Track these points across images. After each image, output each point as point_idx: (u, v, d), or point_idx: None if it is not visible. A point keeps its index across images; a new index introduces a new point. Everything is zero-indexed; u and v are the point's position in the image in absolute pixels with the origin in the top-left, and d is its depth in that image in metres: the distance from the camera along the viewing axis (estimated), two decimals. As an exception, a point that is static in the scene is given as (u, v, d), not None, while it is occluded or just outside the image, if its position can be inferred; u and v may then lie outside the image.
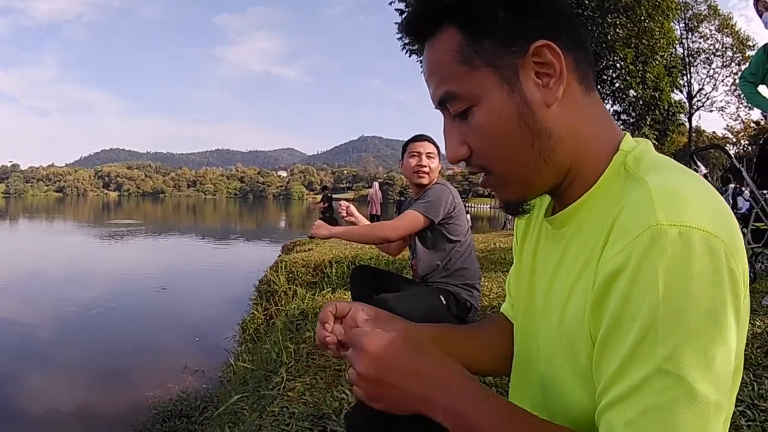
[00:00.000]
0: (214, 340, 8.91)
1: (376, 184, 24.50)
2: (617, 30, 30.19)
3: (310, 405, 3.16)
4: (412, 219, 3.84)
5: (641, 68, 32.77)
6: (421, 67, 1.11)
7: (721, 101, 44.75)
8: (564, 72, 0.96)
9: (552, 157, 0.98)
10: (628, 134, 1.04)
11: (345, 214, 4.17)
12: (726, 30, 42.76)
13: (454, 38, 0.97)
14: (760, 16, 5.01)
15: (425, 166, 3.97)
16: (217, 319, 10.56)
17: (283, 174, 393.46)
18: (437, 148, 4.06)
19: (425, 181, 3.98)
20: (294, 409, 3.12)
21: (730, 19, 43.18)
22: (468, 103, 0.98)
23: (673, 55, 37.09)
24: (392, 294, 3.80)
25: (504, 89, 0.95)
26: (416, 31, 1.05)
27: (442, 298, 3.87)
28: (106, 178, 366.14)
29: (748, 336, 3.59)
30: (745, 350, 3.28)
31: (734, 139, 70.22)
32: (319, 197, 25.53)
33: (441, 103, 1.03)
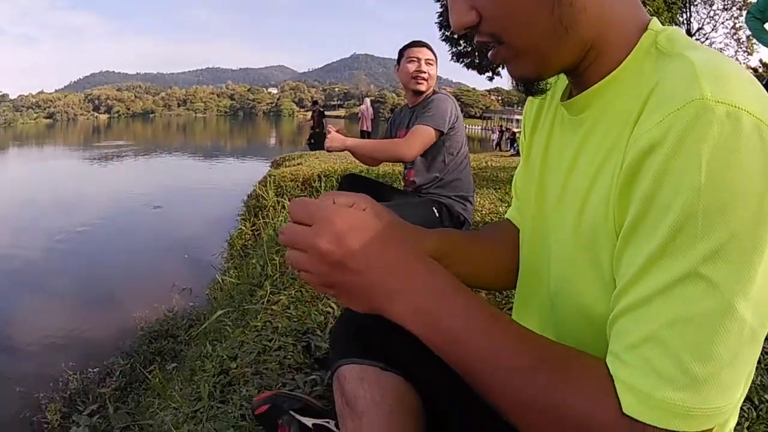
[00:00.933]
0: (202, 258, 8.87)
1: (367, 101, 24.39)
2: None
3: (294, 319, 3.02)
4: (426, 134, 3.68)
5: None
6: None
7: (720, 43, 44.10)
8: None
9: (573, 28, 0.82)
10: (655, 18, 0.89)
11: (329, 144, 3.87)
12: None
13: None
14: None
15: (424, 72, 3.80)
16: (207, 237, 10.52)
17: (274, 91, 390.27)
18: (435, 56, 3.90)
19: (423, 87, 3.82)
20: (278, 324, 2.99)
21: None
22: None
23: None
24: (384, 203, 3.59)
25: None
26: None
27: (435, 210, 3.77)
28: (96, 101, 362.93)
29: None
30: None
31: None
32: (310, 114, 25.36)
33: None
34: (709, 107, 0.65)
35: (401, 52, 3.98)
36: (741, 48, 45.08)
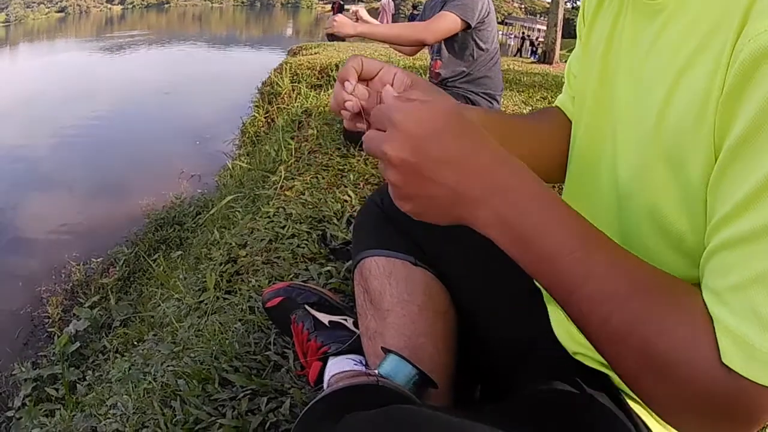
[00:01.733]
0: (213, 145, 8.84)
1: (389, -6, 23.95)
2: None
3: (309, 206, 2.84)
4: (450, 21, 3.52)
5: None
6: None
7: None
8: None
9: None
10: None
11: (355, 20, 3.74)
12: None
13: None
14: None
15: None
16: (218, 124, 10.48)
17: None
18: None
19: None
20: (291, 210, 2.80)
21: None
22: None
23: None
24: None
25: None
26: None
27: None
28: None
29: None
30: None
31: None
32: (329, 6, 25.06)
33: None
34: None
35: None
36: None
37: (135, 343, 3.03)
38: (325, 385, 1.42)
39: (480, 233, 0.75)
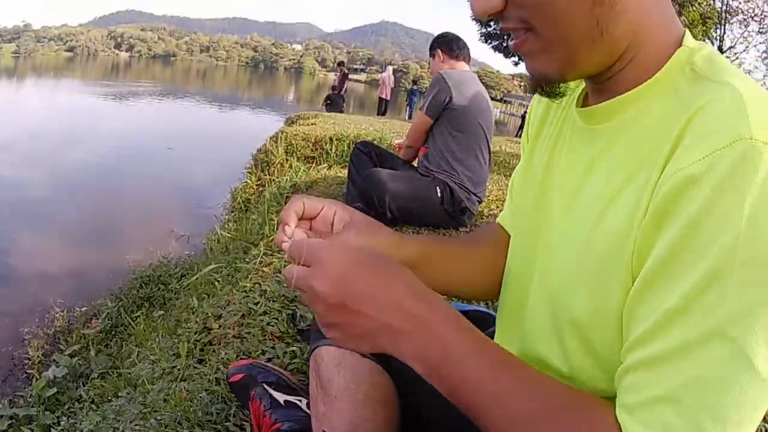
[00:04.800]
0: (205, 206, 8.90)
1: (389, 68, 24.52)
2: None
3: (284, 284, 2.93)
4: (420, 120, 4.03)
5: (677, 9, 32.26)
6: None
7: (749, 65, 44.19)
8: None
9: (610, 30, 0.77)
10: (688, 31, 0.84)
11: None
12: None
13: None
14: None
15: None
16: (212, 185, 10.60)
17: (298, 47, 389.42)
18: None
19: None
20: (266, 287, 2.92)
21: None
22: None
23: (711, 6, 36.14)
24: (388, 170, 3.90)
25: None
26: None
27: (438, 190, 3.89)
28: (119, 39, 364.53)
29: None
30: None
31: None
32: (332, 75, 25.44)
33: None
34: (757, 149, 0.61)
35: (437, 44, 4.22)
36: (772, 72, 45.25)
37: (110, 397, 3.08)
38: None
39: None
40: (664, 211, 0.67)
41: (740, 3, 42.86)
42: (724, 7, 41.71)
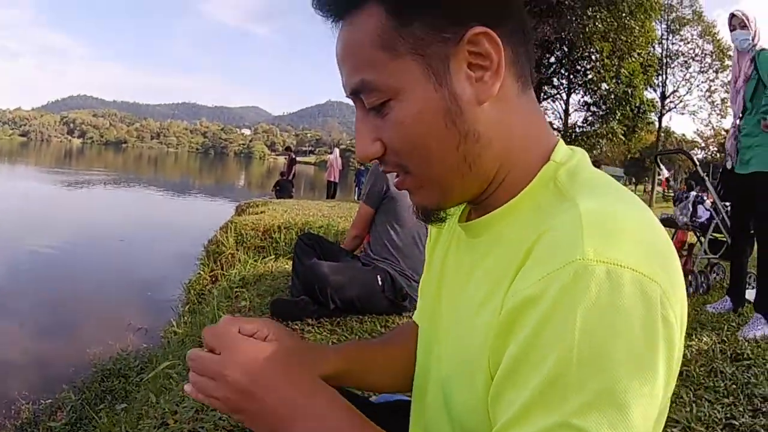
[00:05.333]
0: (161, 297, 8.89)
1: (336, 150, 24.77)
2: (596, 23, 29.86)
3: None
4: (362, 211, 4.22)
5: (617, 63, 32.90)
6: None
7: (693, 105, 45.18)
8: (502, 66, 0.82)
9: (478, 163, 0.85)
10: (561, 141, 0.92)
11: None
12: (708, 37, 43.13)
13: (378, 19, 0.82)
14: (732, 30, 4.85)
15: None
16: (167, 275, 10.54)
17: (247, 132, 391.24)
18: None
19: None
20: None
21: (713, 27, 43.55)
22: (387, 95, 0.83)
23: (650, 54, 37.30)
24: (330, 263, 3.97)
25: (431, 81, 0.82)
26: (333, 7, 0.88)
27: (379, 279, 4.00)
28: (71, 125, 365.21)
29: (692, 352, 3.48)
30: (688, 368, 3.19)
31: (703, 144, 71.21)
32: (282, 158, 25.61)
33: (354, 93, 0.88)
34: (589, 268, 0.65)
35: None
36: (715, 110, 46.28)
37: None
38: None
39: None
40: (509, 325, 0.72)
41: (680, 46, 44.12)
42: (665, 52, 42.88)
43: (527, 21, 0.91)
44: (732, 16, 4.76)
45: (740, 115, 4.70)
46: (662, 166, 8.73)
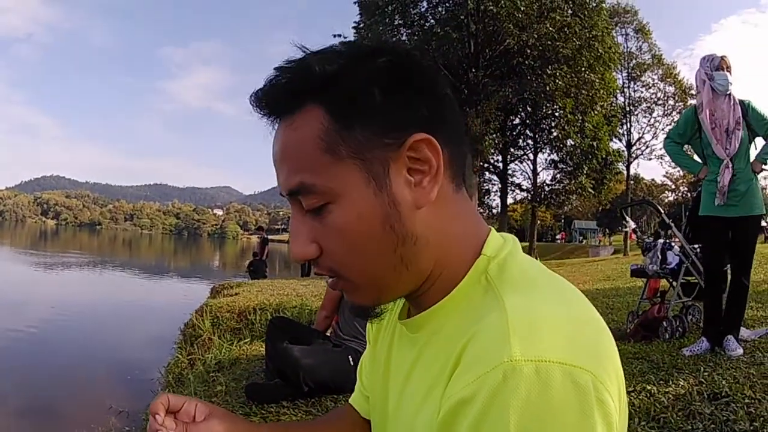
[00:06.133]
0: (142, 380, 8.85)
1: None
2: (557, 80, 29.70)
3: None
4: (330, 294, 4.45)
5: (580, 118, 32.79)
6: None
7: (660, 149, 44.87)
8: (441, 171, 0.82)
9: (414, 262, 0.83)
10: (493, 231, 0.92)
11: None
12: (669, 79, 42.00)
13: (320, 121, 0.80)
14: (704, 82, 5.01)
15: None
16: (147, 358, 10.50)
17: (219, 212, 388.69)
18: None
19: None
20: None
21: (673, 68, 42.86)
22: (326, 199, 0.81)
23: (613, 105, 37.26)
24: (300, 347, 4.08)
25: (370, 186, 0.80)
26: (273, 106, 0.85)
27: (351, 359, 4.06)
28: (45, 206, 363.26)
29: (668, 398, 3.54)
30: (665, 415, 3.30)
31: (673, 186, 71.60)
32: (254, 237, 25.62)
33: (292, 194, 0.85)
34: (517, 368, 0.65)
35: None
36: (682, 152, 46.01)
37: None
38: None
39: None
40: (447, 427, 0.70)
41: (642, 92, 43.58)
42: (627, 101, 42.70)
43: (462, 121, 0.93)
44: (722, 58, 4.98)
45: (733, 155, 4.90)
46: (628, 219, 8.89)
